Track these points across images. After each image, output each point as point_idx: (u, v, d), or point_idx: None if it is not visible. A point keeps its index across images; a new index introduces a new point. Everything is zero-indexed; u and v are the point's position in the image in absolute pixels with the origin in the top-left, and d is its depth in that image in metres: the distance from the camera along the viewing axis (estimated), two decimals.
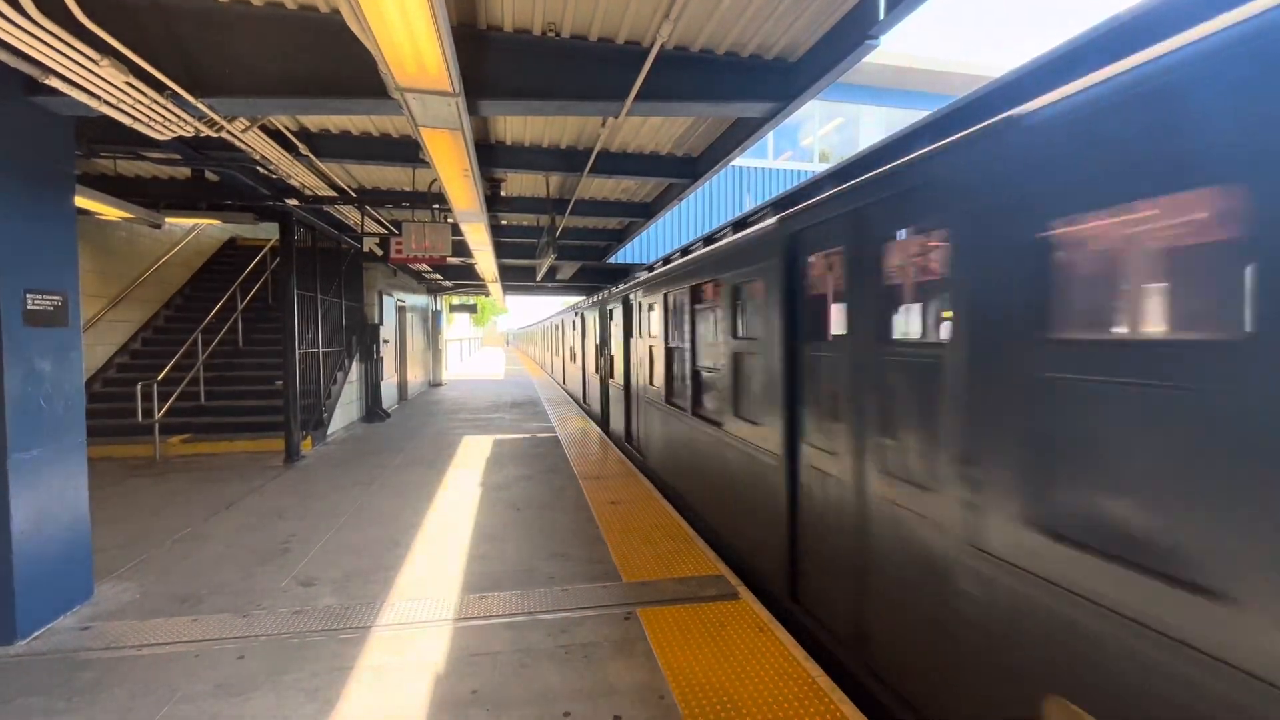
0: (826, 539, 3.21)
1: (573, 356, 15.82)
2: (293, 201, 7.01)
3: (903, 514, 2.57)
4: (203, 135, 3.99)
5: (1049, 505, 1.85)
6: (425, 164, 5.47)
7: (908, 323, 2.81)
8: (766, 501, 3.88)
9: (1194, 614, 1.46)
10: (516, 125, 5.78)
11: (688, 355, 5.67)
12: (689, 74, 4.19)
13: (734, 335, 4.42)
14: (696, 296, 5.40)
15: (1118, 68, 1.68)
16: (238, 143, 4.52)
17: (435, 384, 19.37)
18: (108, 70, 2.93)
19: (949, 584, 2.26)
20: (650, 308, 7.04)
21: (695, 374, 5.48)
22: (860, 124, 15.45)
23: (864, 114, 15.38)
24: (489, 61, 3.81)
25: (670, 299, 6.21)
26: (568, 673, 2.89)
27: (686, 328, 5.67)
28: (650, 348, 7.11)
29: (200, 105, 3.50)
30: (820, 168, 14.92)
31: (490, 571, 4.12)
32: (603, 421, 11.04)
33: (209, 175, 6.93)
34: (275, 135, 5.28)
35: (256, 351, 10.24)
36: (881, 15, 3.29)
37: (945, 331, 2.36)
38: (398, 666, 2.95)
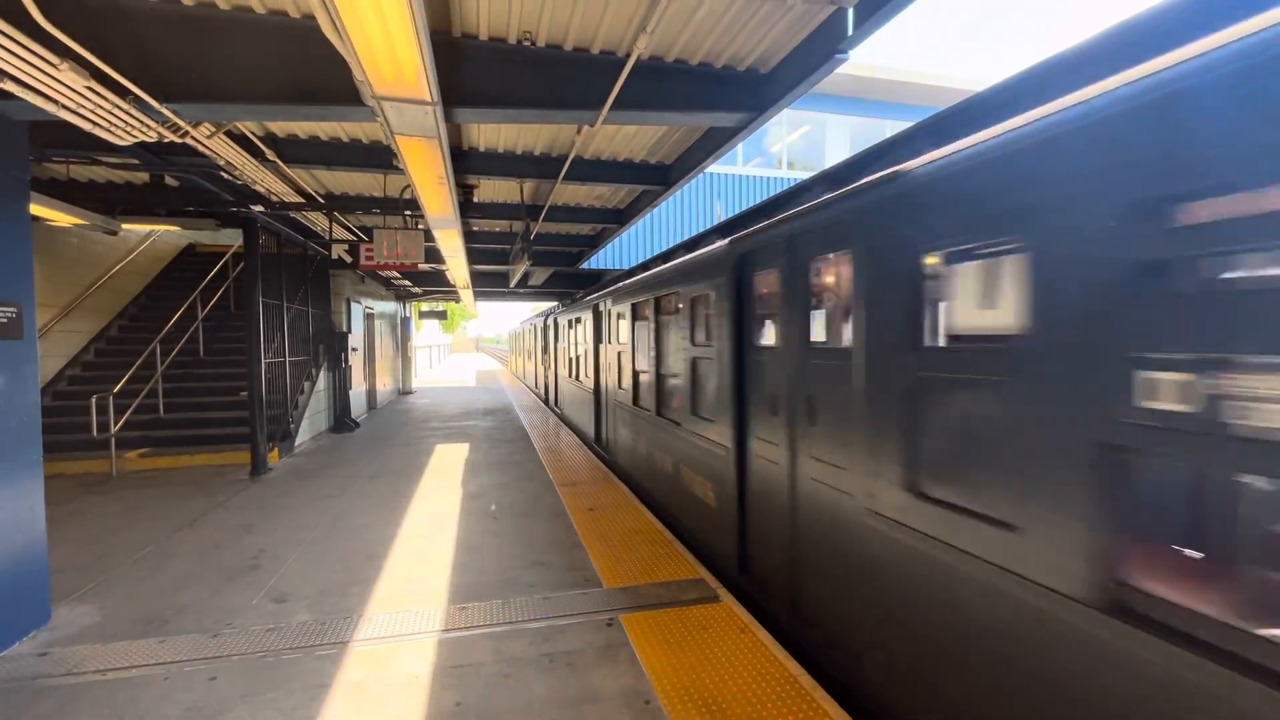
0: (611, 421, 8.00)
1: (529, 356, 21.75)
2: (258, 207, 6.84)
3: (620, 400, 7.27)
4: (166, 141, 3.88)
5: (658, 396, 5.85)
6: (397, 170, 5.42)
7: (619, 339, 7.23)
8: (590, 409, 9.32)
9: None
10: (490, 131, 5.76)
11: (570, 350, 11.55)
12: (663, 84, 4.25)
13: (584, 341, 9.91)
14: (576, 321, 10.77)
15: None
16: (202, 148, 4.40)
17: (405, 392, 19.02)
18: (67, 74, 2.84)
19: (637, 423, 6.54)
20: (562, 325, 12.52)
21: (573, 359, 11.25)
22: (826, 131, 15.79)
23: (830, 122, 15.72)
24: (464, 69, 3.80)
25: (566, 321, 11.85)
26: (552, 681, 2.89)
27: (570, 338, 11.45)
28: (560, 347, 12.91)
29: (165, 110, 3.41)
30: (788, 174, 15.20)
31: (470, 582, 4.08)
32: (546, 401, 16.05)
33: (169, 180, 6.72)
34: (240, 140, 5.16)
35: (218, 361, 9.92)
36: (850, 30, 3.40)
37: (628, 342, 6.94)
38: (377, 682, 2.91)
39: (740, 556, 3.94)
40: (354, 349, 12.17)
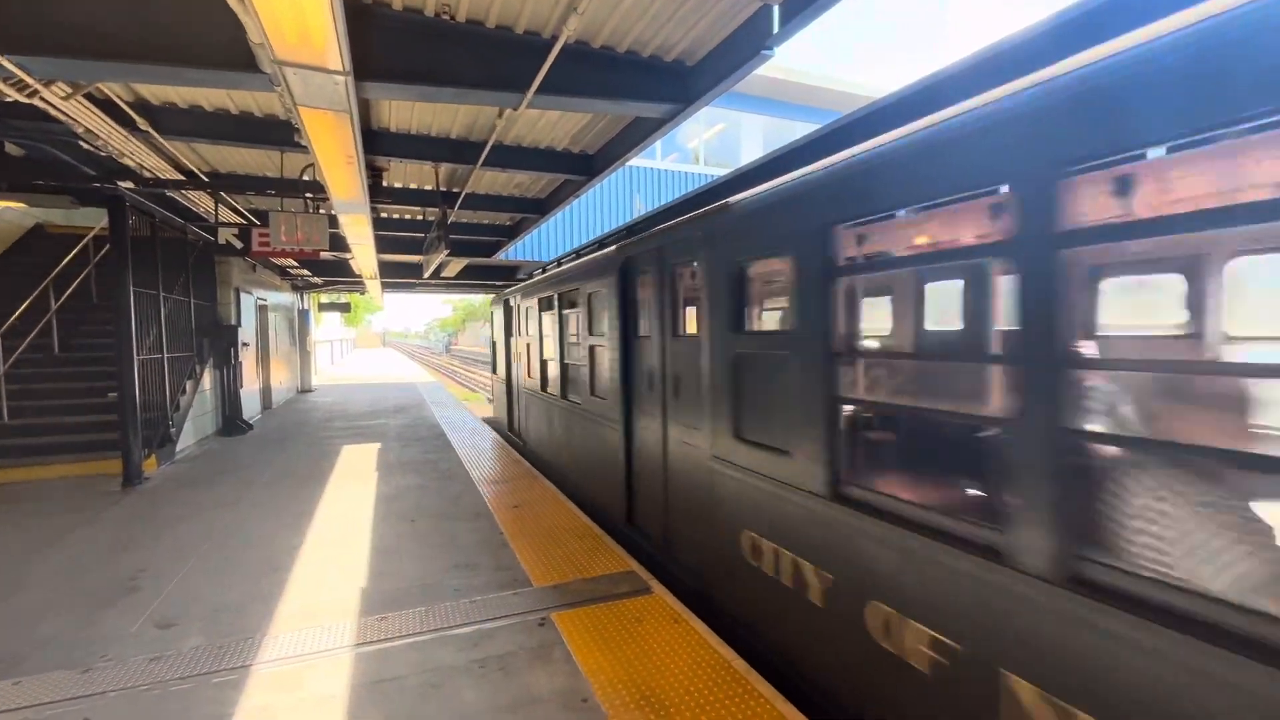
0: (512, 384, 9.96)
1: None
2: (127, 184, 6.04)
3: (519, 374, 9.64)
4: (8, 100, 3.32)
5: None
6: (298, 147, 4.97)
7: (525, 333, 8.65)
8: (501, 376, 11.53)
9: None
10: (403, 110, 5.41)
11: (503, 345, 13.33)
12: (589, 70, 4.16)
13: (499, 336, 11.21)
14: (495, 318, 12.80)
15: None
16: (55, 112, 3.81)
17: (305, 390, 17.67)
18: None
19: (529, 397, 8.44)
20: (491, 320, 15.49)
21: (495, 345, 13.02)
22: (741, 129, 16.23)
23: (745, 121, 16.17)
24: (376, 40, 3.52)
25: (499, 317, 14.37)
26: (484, 688, 2.77)
27: (502, 333, 13.09)
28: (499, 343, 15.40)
29: (7, 64, 2.90)
30: (703, 169, 15.50)
31: (388, 590, 3.83)
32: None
33: (9, 148, 5.79)
34: (106, 105, 4.51)
35: (78, 359, 8.71)
36: (775, 28, 3.47)
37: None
38: (290, 705, 2.66)
39: (509, 422, 9.20)
40: (245, 344, 11.12)
